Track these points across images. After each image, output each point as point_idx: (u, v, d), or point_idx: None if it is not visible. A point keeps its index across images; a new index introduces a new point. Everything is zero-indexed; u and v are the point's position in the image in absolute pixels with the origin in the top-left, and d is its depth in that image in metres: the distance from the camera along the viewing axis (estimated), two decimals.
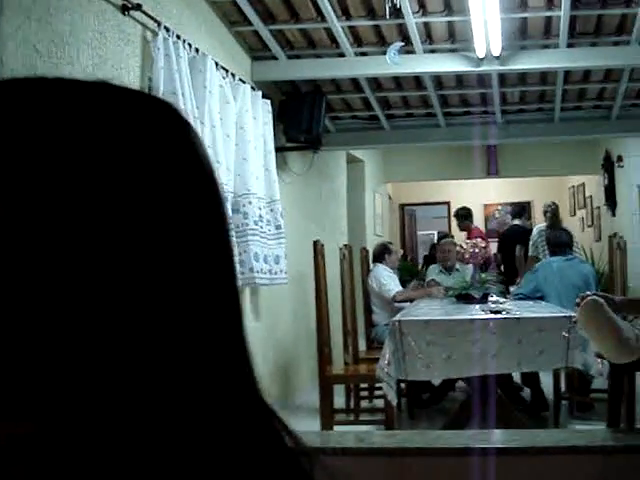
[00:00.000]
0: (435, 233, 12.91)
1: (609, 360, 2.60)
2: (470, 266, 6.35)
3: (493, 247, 10.87)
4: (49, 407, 0.49)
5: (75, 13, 3.52)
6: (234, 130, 5.05)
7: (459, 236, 9.69)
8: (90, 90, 0.54)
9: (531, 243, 7.73)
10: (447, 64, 6.01)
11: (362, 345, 6.53)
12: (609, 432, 2.49)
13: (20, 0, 3.16)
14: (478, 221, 13.59)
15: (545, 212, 8.00)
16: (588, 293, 2.71)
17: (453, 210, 9.38)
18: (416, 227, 14.29)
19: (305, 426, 5.46)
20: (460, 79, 6.63)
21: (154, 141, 0.54)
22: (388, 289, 6.14)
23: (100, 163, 0.49)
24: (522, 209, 10.22)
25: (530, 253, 7.69)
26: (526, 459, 2.28)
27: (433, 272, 6.72)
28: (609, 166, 10.26)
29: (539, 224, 7.94)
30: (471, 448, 2.28)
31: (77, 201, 0.48)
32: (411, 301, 6.20)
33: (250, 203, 5.10)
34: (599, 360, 3.85)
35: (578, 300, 2.66)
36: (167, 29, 4.27)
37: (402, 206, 14.11)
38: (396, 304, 5.97)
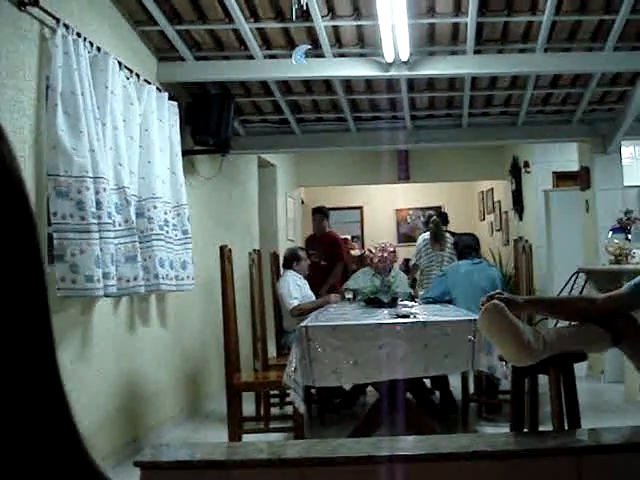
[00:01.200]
0: (349, 237, 12.92)
1: (511, 363, 2.59)
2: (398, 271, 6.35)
3: (404, 252, 10.99)
4: None
5: None
6: (138, 132, 4.91)
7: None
8: None
9: (415, 252, 7.86)
10: (356, 68, 6.00)
11: (273, 352, 6.46)
12: (512, 436, 2.48)
13: None
14: (390, 226, 13.73)
15: (427, 222, 8.14)
16: (491, 294, 2.70)
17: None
18: None
19: (214, 435, 5.36)
20: (370, 84, 6.64)
21: None
22: (289, 302, 6.03)
23: None
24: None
25: (414, 261, 7.95)
26: (429, 466, 2.25)
27: (364, 276, 6.47)
28: (516, 172, 10.49)
29: (424, 234, 8.12)
30: (373, 456, 2.23)
31: None
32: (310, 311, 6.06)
33: (155, 207, 4.96)
34: (503, 363, 3.88)
35: (482, 302, 2.66)
36: (67, 26, 4.12)
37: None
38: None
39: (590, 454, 2.23)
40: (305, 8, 5.20)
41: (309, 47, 5.53)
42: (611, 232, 6.20)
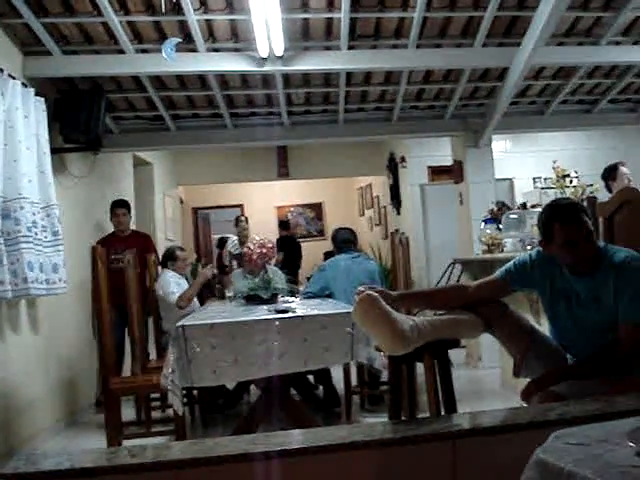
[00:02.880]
0: (230, 236, 12.85)
1: (386, 352, 2.61)
2: (274, 267, 6.31)
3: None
4: None
5: None
6: (3, 129, 4.68)
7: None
8: None
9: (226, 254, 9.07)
10: (231, 63, 5.93)
11: (153, 354, 6.31)
12: (388, 425, 2.49)
13: None
14: (271, 223, 13.72)
15: (236, 224, 9.44)
16: (361, 288, 2.72)
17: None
18: (210, 230, 14.16)
19: (93, 443, 5.18)
20: (245, 79, 6.58)
21: None
22: (171, 293, 5.93)
23: None
24: (286, 223, 11.76)
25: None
26: (308, 459, 2.22)
27: (238, 277, 6.39)
28: (393, 167, 10.68)
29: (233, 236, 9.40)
30: (251, 453, 2.19)
31: None
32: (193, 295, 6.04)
33: (22, 208, 4.74)
34: (381, 353, 3.91)
35: (356, 293, 2.66)
36: None
37: (195, 210, 13.94)
38: (182, 310, 5.78)
39: (465, 437, 2.26)
40: (176, 1, 5.10)
41: (179, 40, 5.42)
42: (484, 223, 6.38)
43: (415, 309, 4.07)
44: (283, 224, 11.56)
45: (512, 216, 6.05)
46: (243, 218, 9.61)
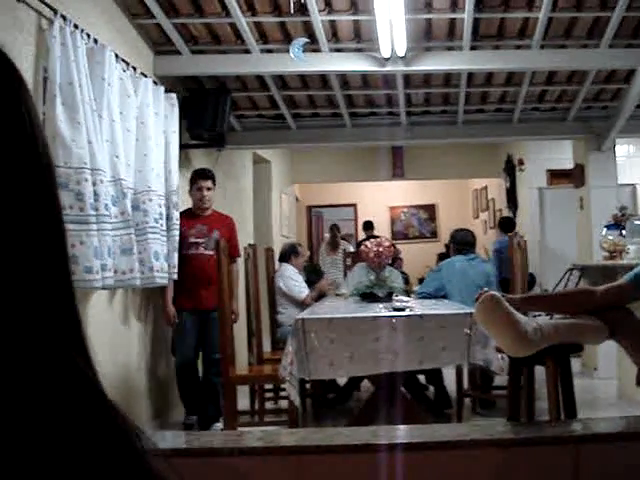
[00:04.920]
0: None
1: (508, 354, 2.60)
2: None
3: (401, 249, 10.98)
4: None
5: None
6: (135, 125, 4.90)
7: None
8: None
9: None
10: (353, 63, 6.00)
11: (267, 346, 6.46)
12: (508, 425, 2.49)
13: None
14: (383, 223, 13.74)
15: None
16: (485, 289, 2.72)
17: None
18: (323, 229, 14.32)
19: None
20: (366, 79, 6.64)
21: None
22: (299, 291, 6.12)
23: None
24: (370, 223, 11.99)
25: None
26: (427, 454, 2.25)
27: (360, 271, 6.42)
28: (510, 169, 10.52)
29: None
30: (371, 444, 2.24)
31: None
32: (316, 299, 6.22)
33: (150, 200, 4.95)
34: (499, 356, 3.89)
35: (478, 294, 2.66)
36: (64, 18, 4.10)
37: (309, 207, 14.12)
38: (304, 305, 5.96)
39: (587, 442, 2.24)
40: (303, 2, 5.20)
41: (307, 41, 5.53)
42: (605, 229, 6.21)
43: (536, 313, 4.02)
44: (367, 224, 11.59)
45: (637, 222, 5.87)
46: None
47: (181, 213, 5.42)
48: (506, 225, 8.15)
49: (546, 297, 3.33)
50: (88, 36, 4.40)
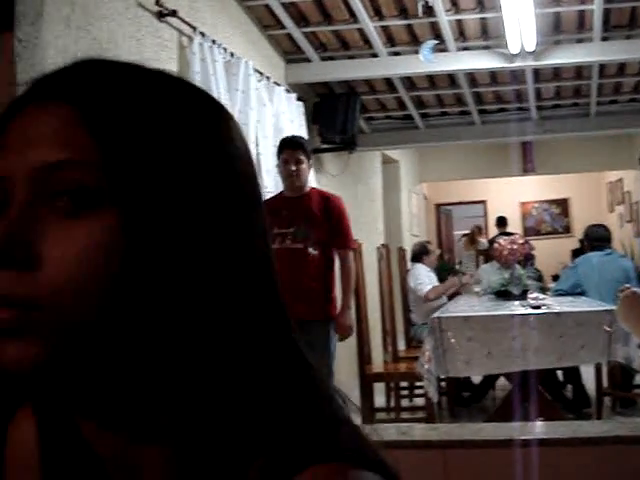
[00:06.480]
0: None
1: None
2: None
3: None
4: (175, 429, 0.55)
5: (113, 21, 3.59)
6: (272, 132, 5.09)
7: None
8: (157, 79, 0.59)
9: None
10: (481, 61, 6.01)
11: (401, 345, 6.53)
12: None
13: (60, 9, 3.23)
14: (514, 219, 13.51)
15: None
16: (627, 285, 2.69)
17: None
18: (452, 226, 14.24)
19: None
20: (494, 76, 6.61)
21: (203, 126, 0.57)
22: (421, 287, 6.14)
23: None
24: (504, 219, 11.66)
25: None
26: (569, 450, 2.28)
27: (488, 270, 6.50)
28: None
29: None
30: (514, 440, 2.28)
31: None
32: (450, 298, 6.21)
33: None
34: None
35: (619, 290, 2.65)
36: (202, 34, 4.33)
37: (438, 206, 14.07)
38: (430, 303, 5.96)
39: None
40: (430, 4, 5.26)
41: (436, 42, 5.58)
42: None
43: None
44: (500, 220, 11.32)
45: None
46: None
47: (269, 199, 4.14)
48: None
49: None
50: (225, 50, 4.62)
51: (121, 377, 0.53)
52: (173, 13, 4.09)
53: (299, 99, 5.73)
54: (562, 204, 14.06)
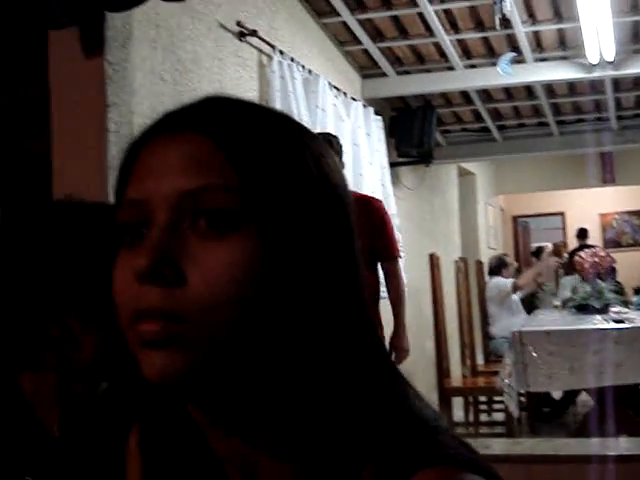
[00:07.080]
0: (549, 245, 12.63)
1: None
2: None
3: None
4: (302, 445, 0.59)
5: (196, 42, 3.70)
6: (350, 147, 5.14)
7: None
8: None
9: None
10: (558, 72, 5.95)
11: (480, 359, 6.48)
12: None
13: (146, 32, 3.36)
14: (594, 231, 13.23)
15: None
16: None
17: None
18: (530, 239, 14.01)
19: None
20: (572, 86, 6.53)
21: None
22: (505, 283, 6.11)
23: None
24: (585, 231, 11.18)
25: None
26: None
27: (569, 283, 6.36)
28: None
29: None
30: (597, 455, 2.26)
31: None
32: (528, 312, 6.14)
33: None
34: None
35: None
36: (281, 52, 4.42)
37: (515, 218, 13.88)
38: (515, 296, 5.91)
39: None
40: (507, 16, 5.24)
41: (514, 55, 5.55)
42: None
43: None
44: (581, 232, 10.98)
45: None
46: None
47: None
48: None
49: None
50: (303, 67, 4.70)
51: (249, 386, 0.58)
52: (253, 33, 4.19)
53: (376, 113, 5.77)
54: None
